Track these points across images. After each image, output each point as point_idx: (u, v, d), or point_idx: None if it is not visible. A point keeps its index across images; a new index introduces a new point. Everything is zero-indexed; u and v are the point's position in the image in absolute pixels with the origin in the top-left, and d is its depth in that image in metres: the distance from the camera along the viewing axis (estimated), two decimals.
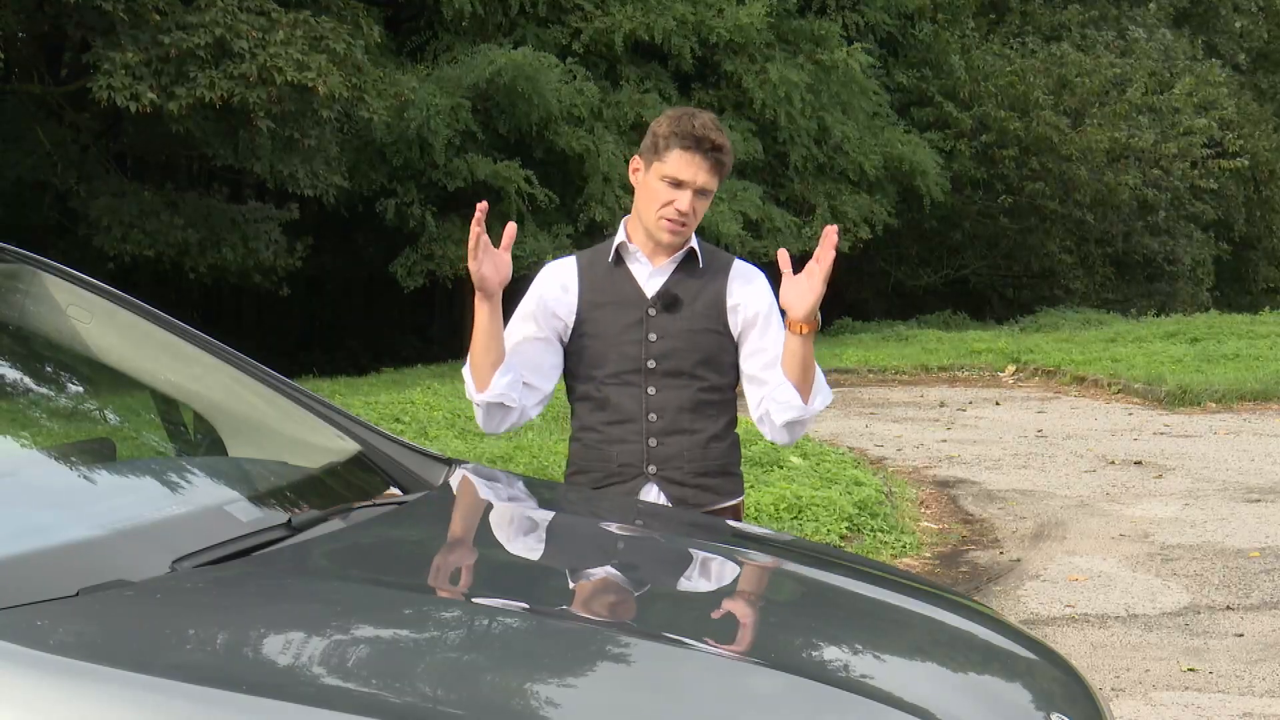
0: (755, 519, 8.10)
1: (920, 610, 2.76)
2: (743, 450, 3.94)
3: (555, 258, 4.01)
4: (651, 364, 3.67)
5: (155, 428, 3.33)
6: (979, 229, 29.35)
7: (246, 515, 2.64)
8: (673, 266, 3.74)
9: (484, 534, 3.09)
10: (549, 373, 3.74)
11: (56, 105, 18.59)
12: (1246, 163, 30.25)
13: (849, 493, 9.02)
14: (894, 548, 8.23)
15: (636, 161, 3.73)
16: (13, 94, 18.60)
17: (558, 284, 3.75)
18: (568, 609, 2.54)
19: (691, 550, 3.03)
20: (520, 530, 3.15)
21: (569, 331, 3.73)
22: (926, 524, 9.06)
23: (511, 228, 3.59)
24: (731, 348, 3.74)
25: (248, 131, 16.75)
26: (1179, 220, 30.52)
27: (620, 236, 3.78)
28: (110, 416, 3.29)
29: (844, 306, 30.04)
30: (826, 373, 3.87)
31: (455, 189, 20.51)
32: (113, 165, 19.30)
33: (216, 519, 2.59)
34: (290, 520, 2.63)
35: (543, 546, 3.05)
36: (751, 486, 8.90)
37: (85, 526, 2.48)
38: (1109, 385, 15.91)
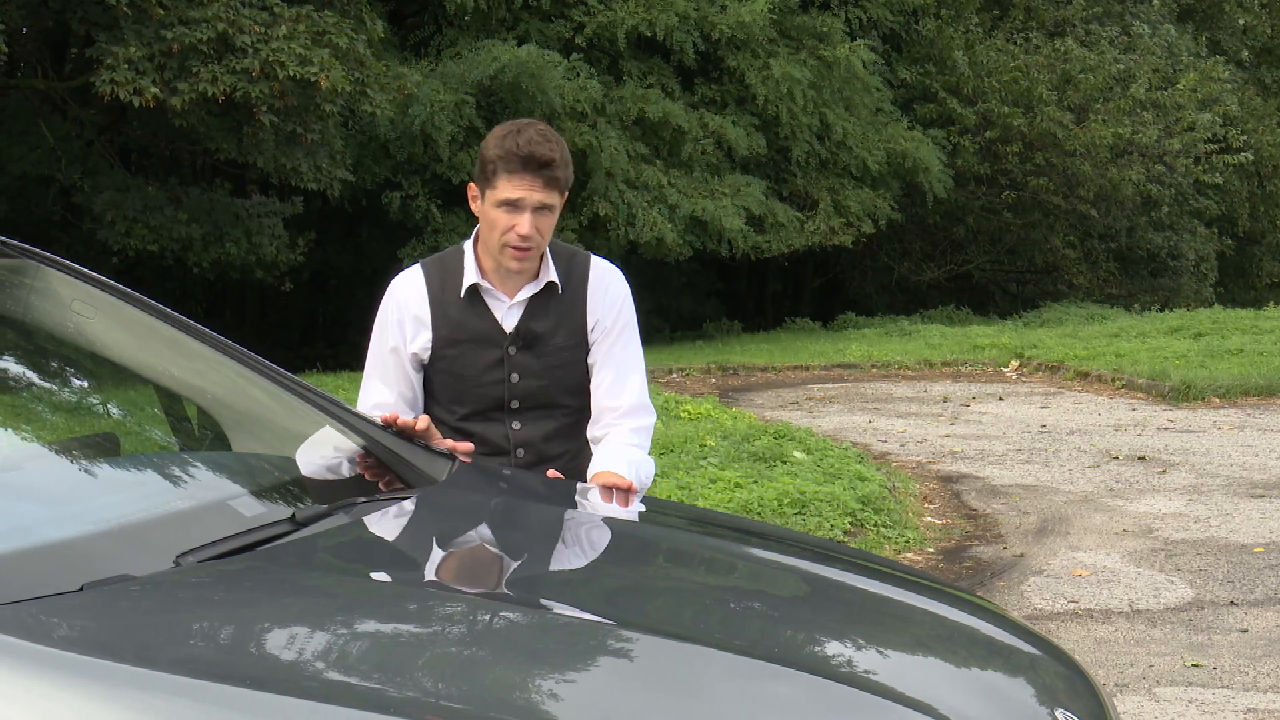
0: (759, 514, 8.10)
1: (923, 606, 2.76)
2: (747, 446, 3.92)
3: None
4: (515, 404, 3.58)
5: (159, 422, 3.33)
6: (982, 224, 29.33)
7: (250, 510, 2.64)
8: (528, 297, 3.58)
9: (488, 529, 3.09)
10: (420, 409, 3.63)
11: (60, 100, 18.60)
12: (1250, 158, 30.23)
13: (852, 488, 9.01)
14: (897, 543, 8.22)
15: (473, 189, 3.53)
16: (17, 89, 18.61)
17: (410, 314, 3.58)
18: (571, 604, 2.54)
19: (695, 546, 3.03)
20: (524, 525, 3.15)
21: (424, 364, 3.61)
22: (930, 519, 9.06)
23: (469, 446, 3.36)
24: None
25: (251, 126, 16.76)
26: (1183, 215, 30.50)
27: (472, 273, 3.57)
28: (114, 411, 3.29)
29: (847, 301, 30.06)
30: (830, 368, 3.85)
31: (460, 182, 20.54)
32: (116, 160, 19.32)
33: (220, 514, 2.59)
34: (294, 515, 2.63)
35: (547, 542, 3.04)
36: (755, 482, 8.90)
37: (89, 521, 2.48)
38: (1113, 380, 15.90)
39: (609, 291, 3.65)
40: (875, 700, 2.21)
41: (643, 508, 3.37)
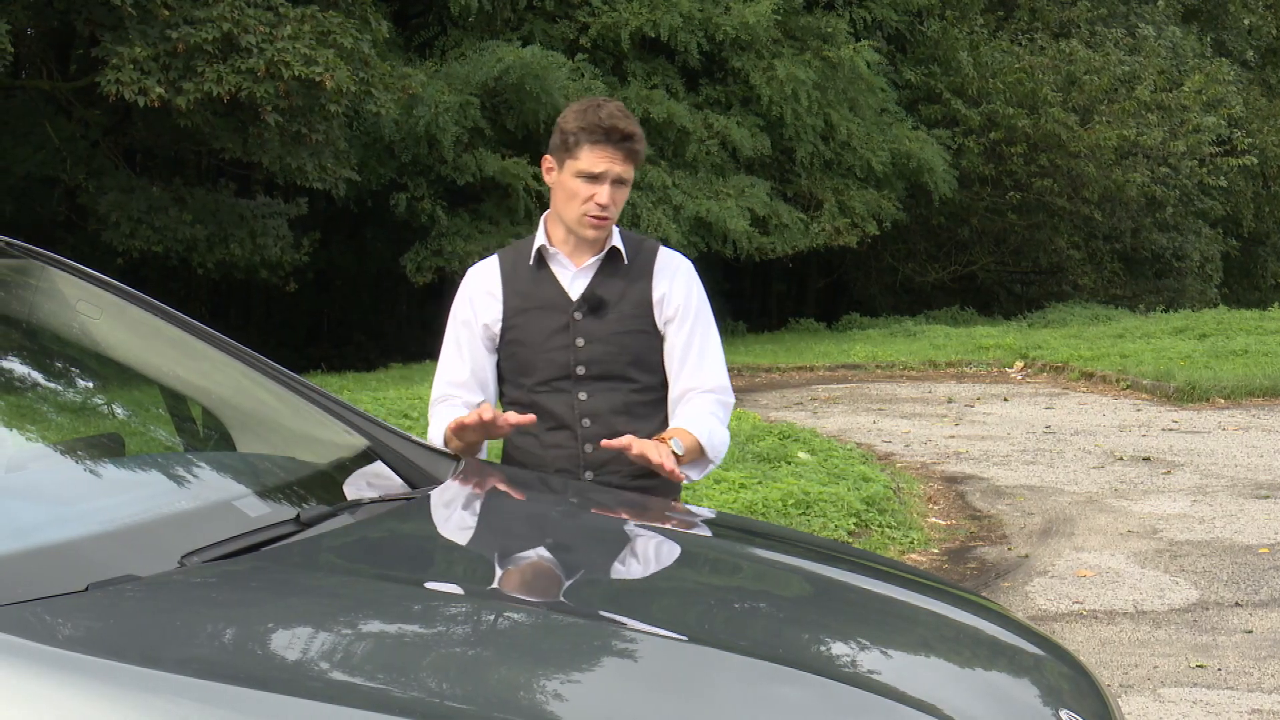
0: (763, 515, 8.10)
1: (928, 606, 2.76)
2: (751, 446, 3.92)
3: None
4: (581, 370, 3.61)
5: (164, 423, 3.33)
6: (987, 225, 29.32)
7: (255, 510, 2.64)
8: (596, 266, 3.67)
9: (492, 529, 3.09)
10: (493, 391, 3.72)
11: (65, 101, 18.62)
12: (1255, 160, 30.20)
13: (857, 489, 9.01)
14: (902, 544, 8.22)
15: (549, 161, 3.64)
16: (22, 90, 18.63)
17: (483, 290, 3.69)
18: (574, 604, 2.54)
19: (699, 546, 3.03)
20: (528, 525, 3.15)
21: (498, 340, 3.69)
22: (934, 520, 9.06)
23: (530, 418, 3.50)
24: (660, 345, 3.68)
25: (256, 126, 16.78)
26: (1187, 216, 30.49)
27: (540, 238, 3.69)
28: (119, 412, 3.29)
29: (852, 302, 30.06)
30: (835, 369, 3.86)
31: (464, 184, 20.56)
32: (121, 161, 19.34)
33: (225, 514, 2.59)
34: (299, 516, 2.63)
35: (551, 542, 3.04)
36: (759, 482, 8.90)
37: (94, 522, 2.48)
38: (1117, 381, 15.89)
39: (678, 271, 3.72)
40: (880, 701, 2.21)
41: (647, 507, 3.37)
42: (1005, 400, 15.08)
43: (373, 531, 2.72)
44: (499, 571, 2.76)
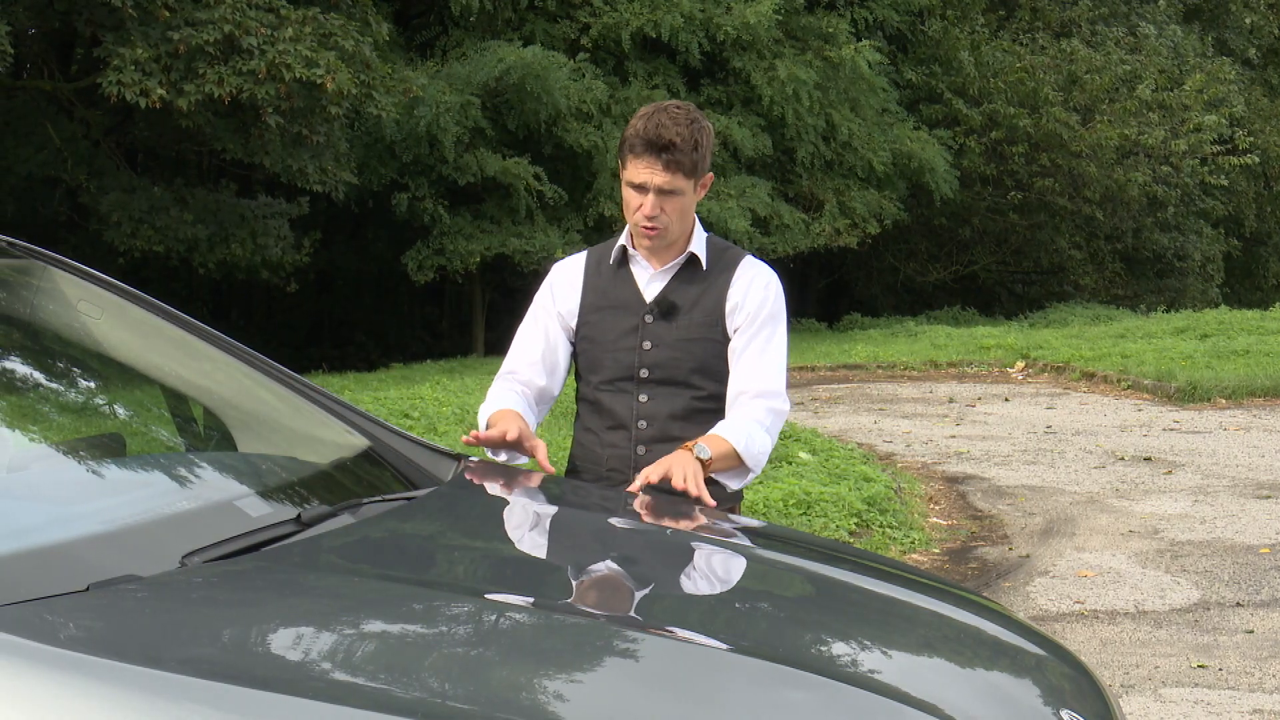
0: (764, 514, 8.10)
1: (929, 606, 2.76)
2: None
3: (565, 253, 3.97)
4: (644, 373, 3.64)
5: (165, 423, 3.33)
6: (988, 225, 29.32)
7: (256, 510, 2.64)
8: (674, 270, 3.68)
9: (493, 529, 3.09)
10: (561, 376, 3.76)
11: (67, 101, 18.64)
12: (1257, 159, 30.19)
13: (858, 489, 9.01)
14: (903, 544, 8.22)
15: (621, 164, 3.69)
16: (24, 90, 18.64)
17: (566, 284, 3.74)
18: (576, 604, 2.54)
19: (701, 546, 3.03)
20: (529, 525, 3.15)
21: (574, 333, 3.73)
22: (935, 520, 9.05)
23: (549, 470, 3.54)
24: (727, 353, 3.68)
25: (257, 128, 16.79)
26: (1189, 216, 30.48)
27: (623, 238, 3.73)
28: (120, 412, 3.29)
29: (853, 302, 30.05)
30: (836, 369, 3.84)
31: (465, 184, 20.57)
32: (122, 161, 19.36)
33: (226, 514, 2.60)
34: (300, 515, 2.64)
35: (552, 542, 3.04)
36: (761, 483, 8.89)
37: (95, 522, 2.48)
38: (1119, 381, 15.89)
39: (755, 280, 3.70)
40: (882, 702, 2.21)
41: (649, 508, 3.37)
42: (1006, 400, 15.08)
43: (374, 531, 2.72)
44: (501, 571, 2.76)
